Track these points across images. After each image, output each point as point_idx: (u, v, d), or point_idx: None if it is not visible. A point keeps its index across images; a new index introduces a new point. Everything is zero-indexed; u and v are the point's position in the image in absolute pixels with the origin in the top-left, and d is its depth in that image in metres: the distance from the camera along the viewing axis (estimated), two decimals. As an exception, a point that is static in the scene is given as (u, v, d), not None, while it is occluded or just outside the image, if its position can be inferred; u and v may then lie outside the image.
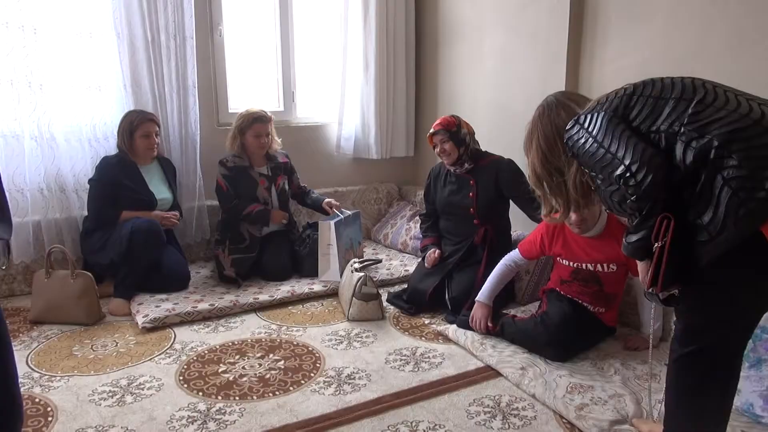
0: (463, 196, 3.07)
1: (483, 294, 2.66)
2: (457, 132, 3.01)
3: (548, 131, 1.85)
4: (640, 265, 1.56)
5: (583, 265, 2.49)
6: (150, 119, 3.21)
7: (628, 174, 1.40)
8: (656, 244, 1.41)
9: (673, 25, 2.60)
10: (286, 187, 3.58)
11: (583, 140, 1.54)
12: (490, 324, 2.60)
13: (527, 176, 2.00)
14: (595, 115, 1.54)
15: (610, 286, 2.49)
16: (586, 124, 1.55)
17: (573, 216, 2.38)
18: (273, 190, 3.50)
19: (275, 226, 3.51)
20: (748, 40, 2.34)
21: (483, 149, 3.12)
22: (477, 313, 2.63)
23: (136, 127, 3.16)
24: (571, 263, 2.53)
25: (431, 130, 3.05)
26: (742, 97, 1.38)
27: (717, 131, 1.32)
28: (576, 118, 1.62)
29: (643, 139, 1.43)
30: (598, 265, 2.47)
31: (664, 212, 1.38)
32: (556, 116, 1.85)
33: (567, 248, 2.53)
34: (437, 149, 3.06)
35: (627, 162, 1.40)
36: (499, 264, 2.72)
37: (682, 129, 1.37)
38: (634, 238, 1.47)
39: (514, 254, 2.72)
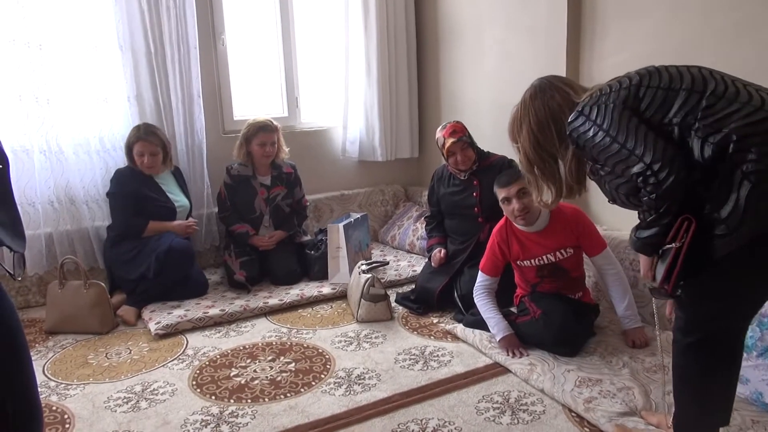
0: (467, 197, 3.08)
1: (498, 329, 2.49)
2: (470, 137, 3.03)
3: (541, 114, 1.72)
4: (644, 260, 1.54)
5: (544, 258, 2.52)
6: (143, 139, 3.17)
7: (649, 172, 1.37)
8: (673, 244, 1.38)
9: (673, 16, 2.60)
10: (280, 198, 3.53)
11: (591, 133, 1.50)
12: (523, 350, 2.45)
13: (517, 161, 1.90)
14: (603, 107, 1.49)
15: (574, 270, 2.56)
16: (593, 116, 1.50)
17: (516, 204, 2.45)
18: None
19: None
20: (747, 29, 2.34)
21: (485, 149, 3.13)
22: (506, 344, 2.45)
23: (132, 144, 3.20)
24: (533, 261, 2.54)
25: (452, 140, 2.96)
26: (750, 88, 1.37)
27: (734, 125, 1.31)
28: (579, 109, 1.56)
29: (659, 134, 1.40)
30: (557, 253, 2.50)
31: (682, 211, 1.36)
32: (550, 99, 1.72)
33: (523, 247, 2.54)
34: (458, 157, 2.99)
35: (647, 160, 1.37)
36: (478, 300, 2.60)
37: (697, 124, 1.36)
38: (645, 233, 1.45)
39: (481, 281, 2.63)
